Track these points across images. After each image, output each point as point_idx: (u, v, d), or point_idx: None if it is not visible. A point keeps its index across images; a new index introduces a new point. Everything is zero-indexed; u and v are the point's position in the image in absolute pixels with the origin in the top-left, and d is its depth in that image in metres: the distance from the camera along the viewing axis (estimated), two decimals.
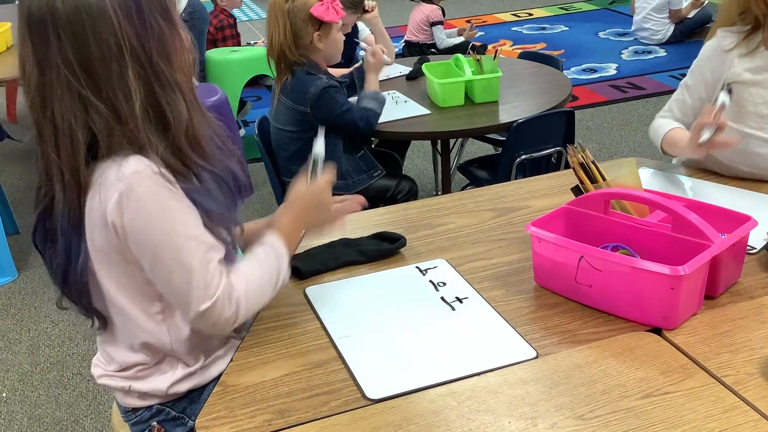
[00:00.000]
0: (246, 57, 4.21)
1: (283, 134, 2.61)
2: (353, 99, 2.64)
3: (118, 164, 1.06)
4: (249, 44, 5.00)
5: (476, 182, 3.01)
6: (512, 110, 2.79)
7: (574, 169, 1.43)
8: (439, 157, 3.31)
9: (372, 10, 3.31)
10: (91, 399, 2.43)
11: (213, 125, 1.16)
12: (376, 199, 2.60)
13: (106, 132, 1.05)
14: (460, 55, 2.93)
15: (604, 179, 1.45)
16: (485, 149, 3.73)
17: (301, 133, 2.56)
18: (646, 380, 1.12)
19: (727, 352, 1.16)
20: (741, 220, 1.32)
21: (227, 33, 4.67)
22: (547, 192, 1.74)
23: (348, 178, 2.65)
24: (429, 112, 2.79)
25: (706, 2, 5.88)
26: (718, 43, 1.72)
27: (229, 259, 1.18)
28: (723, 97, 1.59)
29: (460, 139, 3.51)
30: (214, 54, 4.26)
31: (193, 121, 1.11)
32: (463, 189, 3.12)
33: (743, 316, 1.25)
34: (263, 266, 1.20)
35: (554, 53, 3.50)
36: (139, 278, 1.13)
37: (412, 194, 2.80)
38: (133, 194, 1.05)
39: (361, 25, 3.51)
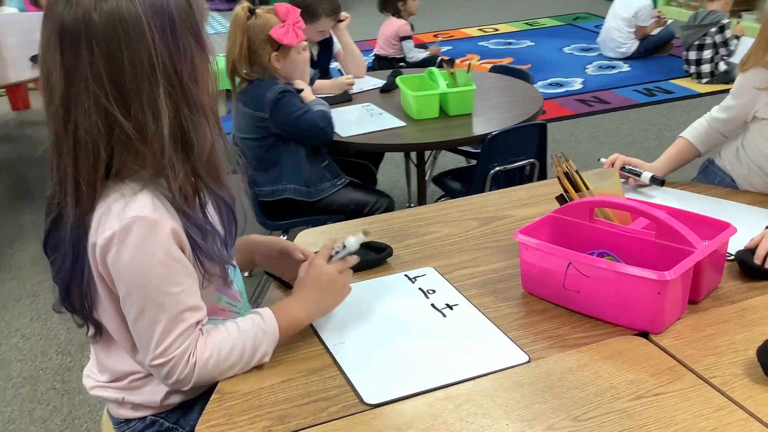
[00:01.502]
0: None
1: (245, 143, 2.61)
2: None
3: (125, 201, 1.05)
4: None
5: (451, 194, 3.04)
6: (486, 123, 2.83)
7: (558, 178, 1.46)
8: (413, 169, 3.34)
9: (344, 20, 3.34)
10: (66, 414, 2.40)
11: (230, 151, 1.15)
12: (354, 214, 2.61)
13: (126, 151, 1.04)
14: (434, 69, 2.97)
15: (587, 188, 1.48)
16: (457, 161, 3.77)
17: (262, 141, 2.58)
18: (636, 382, 1.15)
19: (713, 355, 1.20)
20: (721, 227, 1.37)
21: None
22: (527, 202, 1.77)
23: (311, 186, 2.66)
24: (404, 124, 2.82)
25: (670, 21, 6.04)
26: (746, 79, 1.78)
27: (221, 287, 1.19)
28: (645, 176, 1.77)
29: (433, 152, 3.55)
30: None
31: (216, 146, 1.10)
32: (437, 201, 3.15)
33: (726, 319, 1.29)
34: (241, 341, 1.17)
35: (522, 68, 3.57)
36: None
37: (389, 210, 2.82)
38: (126, 237, 1.04)
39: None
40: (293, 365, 1.22)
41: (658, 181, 1.78)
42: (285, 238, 2.67)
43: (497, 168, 2.76)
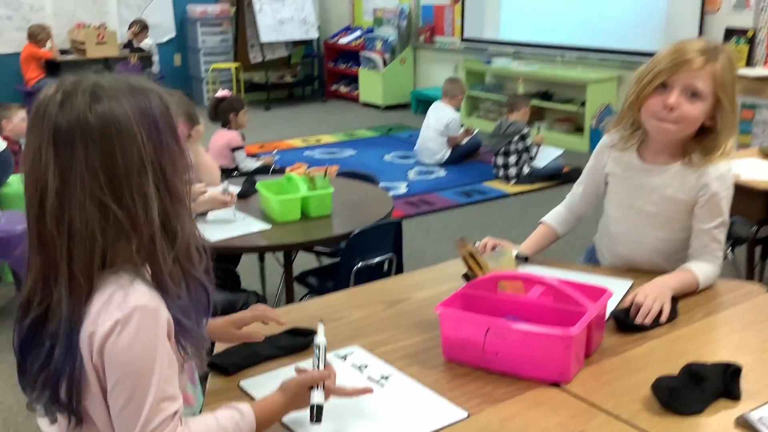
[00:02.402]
0: None
1: None
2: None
3: (124, 291, 1.11)
4: None
5: (316, 291, 3.18)
6: (345, 222, 3.03)
7: (464, 259, 1.67)
8: (267, 268, 3.44)
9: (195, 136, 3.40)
10: None
11: (199, 238, 1.23)
12: (226, 314, 2.65)
13: (119, 240, 1.11)
14: (293, 174, 3.15)
15: (483, 267, 1.70)
16: (309, 261, 3.91)
17: None
18: (562, 424, 1.34)
19: (615, 396, 1.42)
20: (600, 291, 1.63)
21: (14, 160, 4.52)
22: (422, 285, 1.96)
23: None
24: (269, 226, 2.94)
25: (476, 131, 6.71)
26: (603, 138, 2.06)
27: (190, 375, 1.25)
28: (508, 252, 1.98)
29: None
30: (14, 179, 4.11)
31: (194, 233, 1.19)
32: (302, 299, 3.26)
33: (616, 368, 1.53)
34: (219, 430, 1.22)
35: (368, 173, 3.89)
36: None
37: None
38: (127, 325, 1.09)
39: None
40: None
41: (521, 259, 2.03)
42: None
43: (360, 264, 2.95)
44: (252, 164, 5.35)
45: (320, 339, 1.41)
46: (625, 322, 1.66)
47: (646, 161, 1.96)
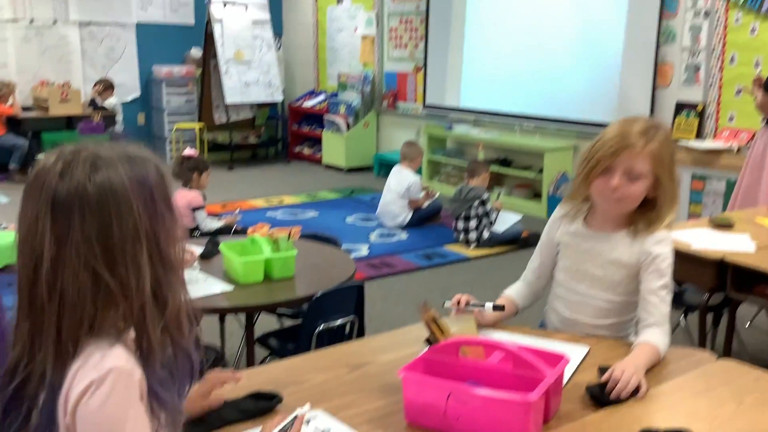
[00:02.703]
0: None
1: None
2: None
3: (101, 353, 1.12)
4: None
5: (277, 353, 3.17)
6: (307, 284, 3.05)
7: (427, 323, 1.71)
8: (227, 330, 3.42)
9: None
10: None
11: (190, 307, 1.25)
12: None
13: (108, 308, 1.13)
14: (256, 235, 3.18)
15: (445, 332, 1.74)
16: (270, 322, 3.90)
17: None
18: None
19: None
20: (558, 357, 1.68)
21: None
22: (386, 348, 1.99)
23: None
24: (232, 288, 2.95)
25: (437, 194, 6.83)
26: (555, 212, 2.19)
27: None
28: (487, 306, 2.05)
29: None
30: None
31: (185, 302, 1.21)
32: (262, 361, 3.25)
33: None
34: None
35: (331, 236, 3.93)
36: None
37: (219, 362, 2.89)
38: (101, 386, 1.10)
39: None
40: None
41: (499, 308, 2.08)
42: None
43: (322, 326, 2.96)
44: (213, 224, 5.36)
45: (301, 411, 1.43)
46: (600, 398, 1.69)
47: (594, 229, 2.10)
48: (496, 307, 2.07)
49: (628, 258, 2.03)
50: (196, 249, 3.36)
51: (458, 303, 2.03)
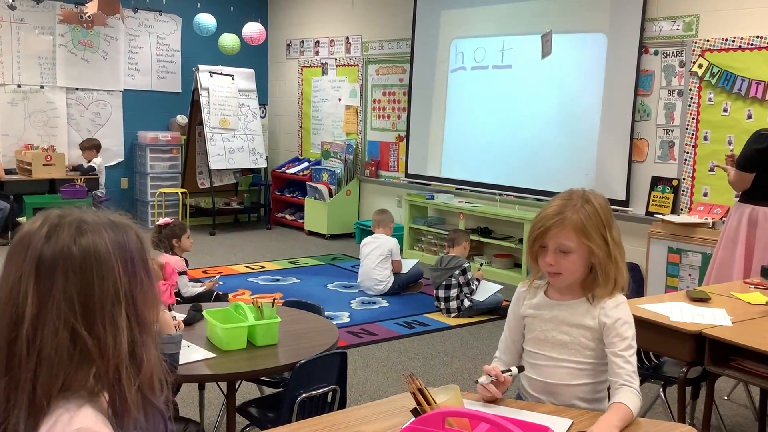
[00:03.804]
0: None
1: None
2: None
3: (70, 415, 1.14)
4: None
5: (258, 423, 3.15)
6: (290, 352, 3.06)
7: (413, 394, 1.73)
8: (204, 398, 3.39)
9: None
10: None
11: (163, 367, 1.28)
12: None
13: (82, 365, 1.15)
14: (240, 302, 3.20)
15: (431, 402, 1.77)
16: (250, 389, 3.88)
17: None
18: None
19: None
20: (542, 429, 1.71)
21: None
22: (371, 419, 2.00)
23: None
24: (214, 355, 2.95)
25: (416, 260, 6.88)
26: (518, 289, 2.31)
27: None
28: (514, 371, 2.14)
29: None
30: None
31: (158, 363, 1.25)
32: (243, 430, 3.22)
33: None
34: None
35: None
36: None
37: None
38: None
39: None
40: None
41: (521, 368, 2.21)
42: None
43: (304, 395, 2.95)
44: (194, 289, 5.36)
45: None
46: None
47: (555, 299, 2.22)
48: (520, 369, 2.18)
49: (591, 322, 2.14)
50: (178, 315, 3.37)
51: (491, 374, 2.07)
